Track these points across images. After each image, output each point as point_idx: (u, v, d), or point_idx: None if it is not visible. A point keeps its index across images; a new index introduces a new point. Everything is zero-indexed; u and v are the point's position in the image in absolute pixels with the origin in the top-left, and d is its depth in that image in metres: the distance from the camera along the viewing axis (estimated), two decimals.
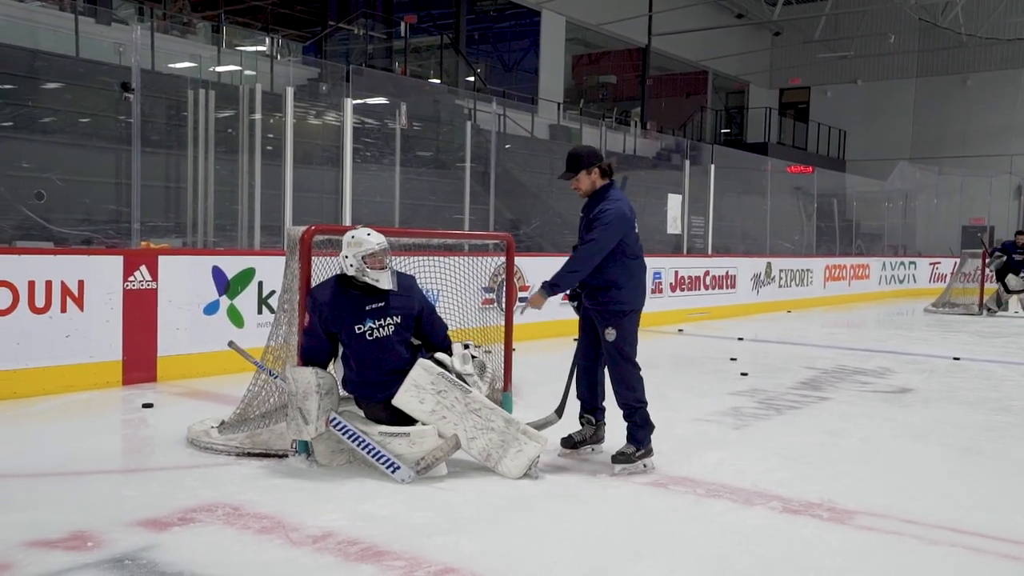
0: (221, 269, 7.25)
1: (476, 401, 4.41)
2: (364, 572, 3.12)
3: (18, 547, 3.24)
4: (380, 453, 4.24)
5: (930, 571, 3.31)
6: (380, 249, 4.36)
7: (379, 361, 4.38)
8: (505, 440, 4.38)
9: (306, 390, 4.34)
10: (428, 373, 4.36)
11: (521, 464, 4.34)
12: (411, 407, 4.31)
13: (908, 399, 6.92)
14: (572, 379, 4.87)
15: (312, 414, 4.32)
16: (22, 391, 6.00)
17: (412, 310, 4.51)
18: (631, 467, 4.54)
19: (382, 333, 4.39)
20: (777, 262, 16.17)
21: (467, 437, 4.36)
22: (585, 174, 4.61)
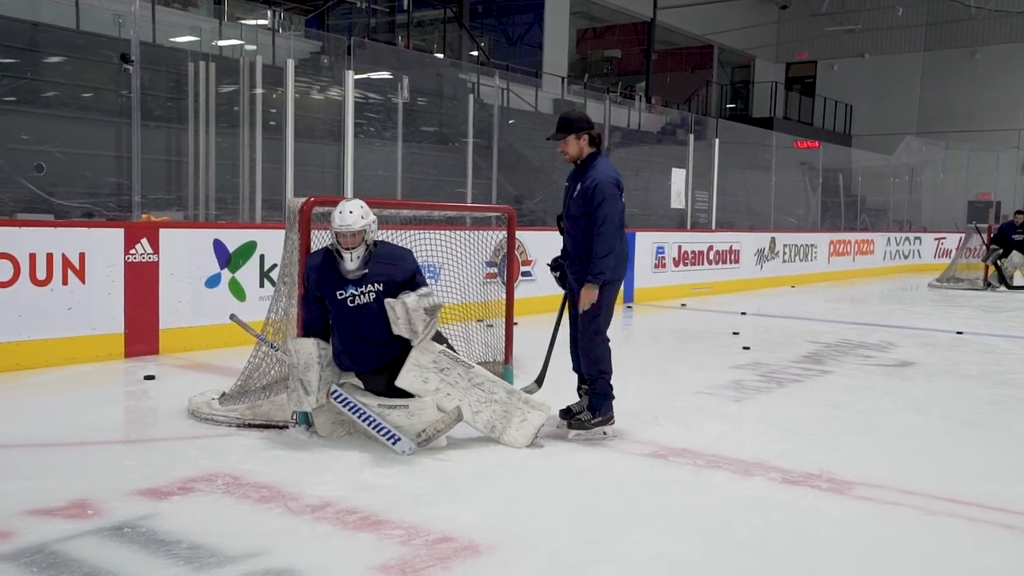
0: (222, 242, 7.25)
1: (478, 376, 4.42)
2: (362, 541, 3.14)
3: (18, 515, 3.26)
4: (381, 425, 4.24)
5: (927, 540, 3.32)
6: (343, 231, 4.29)
7: (358, 328, 4.34)
8: (508, 411, 4.40)
9: (307, 361, 4.34)
10: (429, 352, 4.35)
11: (527, 433, 4.38)
12: (416, 387, 4.31)
13: (910, 372, 6.91)
14: (551, 349, 4.89)
15: (313, 385, 4.33)
16: (24, 363, 6.02)
17: (394, 278, 4.40)
18: (586, 434, 4.59)
19: (363, 300, 4.34)
20: (781, 237, 16.13)
21: (472, 411, 4.37)
22: (574, 139, 4.59)
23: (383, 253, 4.46)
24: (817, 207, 19.40)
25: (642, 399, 5.55)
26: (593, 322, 4.59)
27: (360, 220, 4.30)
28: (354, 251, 4.32)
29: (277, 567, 2.87)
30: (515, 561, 3.00)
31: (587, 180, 4.53)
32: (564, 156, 4.67)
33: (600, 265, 4.46)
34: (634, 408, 5.20)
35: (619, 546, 3.16)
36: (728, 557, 3.09)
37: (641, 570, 2.96)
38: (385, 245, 4.56)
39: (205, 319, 7.06)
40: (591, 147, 4.63)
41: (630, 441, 4.60)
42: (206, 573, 2.80)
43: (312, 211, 4.63)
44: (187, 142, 9.18)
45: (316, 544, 3.09)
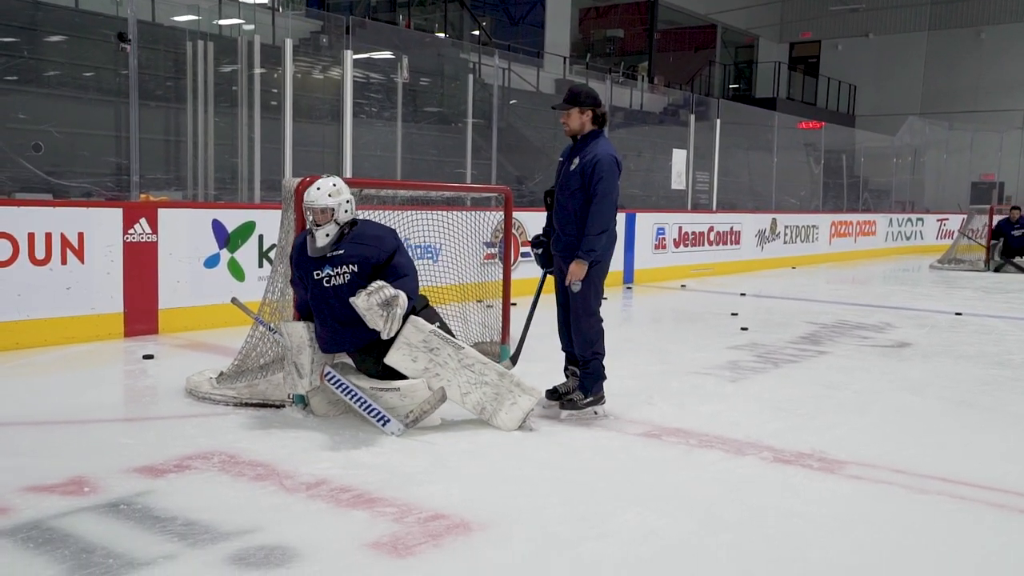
0: (221, 222, 7.26)
1: (469, 357, 4.40)
2: (356, 518, 3.17)
3: (15, 491, 3.29)
4: (372, 407, 4.27)
5: (915, 518, 3.34)
6: (312, 208, 4.29)
7: (335, 309, 4.31)
8: (499, 393, 4.40)
9: (299, 344, 4.36)
10: (419, 331, 4.34)
11: (516, 416, 4.37)
12: (404, 366, 4.32)
13: (907, 353, 6.93)
14: (527, 328, 4.90)
15: (306, 368, 4.35)
16: (24, 342, 6.06)
17: (368, 258, 4.33)
18: (578, 414, 4.61)
19: (338, 281, 4.31)
20: (783, 218, 16.11)
21: (461, 392, 4.37)
22: (578, 112, 4.56)
23: (360, 233, 4.41)
24: (819, 188, 19.35)
25: (638, 379, 5.58)
26: (585, 303, 4.59)
27: (326, 198, 4.27)
28: (323, 228, 4.31)
29: (271, 543, 2.90)
30: (507, 538, 3.03)
31: (587, 156, 4.51)
32: (565, 128, 4.64)
33: (593, 242, 4.45)
34: (630, 388, 5.23)
35: (611, 524, 3.19)
36: (719, 534, 3.11)
37: (633, 547, 2.99)
38: (366, 224, 4.52)
39: (204, 299, 7.09)
40: (593, 125, 4.60)
41: (624, 421, 4.62)
42: (200, 549, 2.83)
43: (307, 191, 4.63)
44: (186, 122, 9.17)
45: (310, 521, 3.12)
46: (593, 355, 4.63)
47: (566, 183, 4.60)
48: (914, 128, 23.18)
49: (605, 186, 4.44)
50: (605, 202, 4.45)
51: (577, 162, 4.55)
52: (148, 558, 2.74)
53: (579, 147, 4.60)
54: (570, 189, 4.57)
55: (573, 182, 4.55)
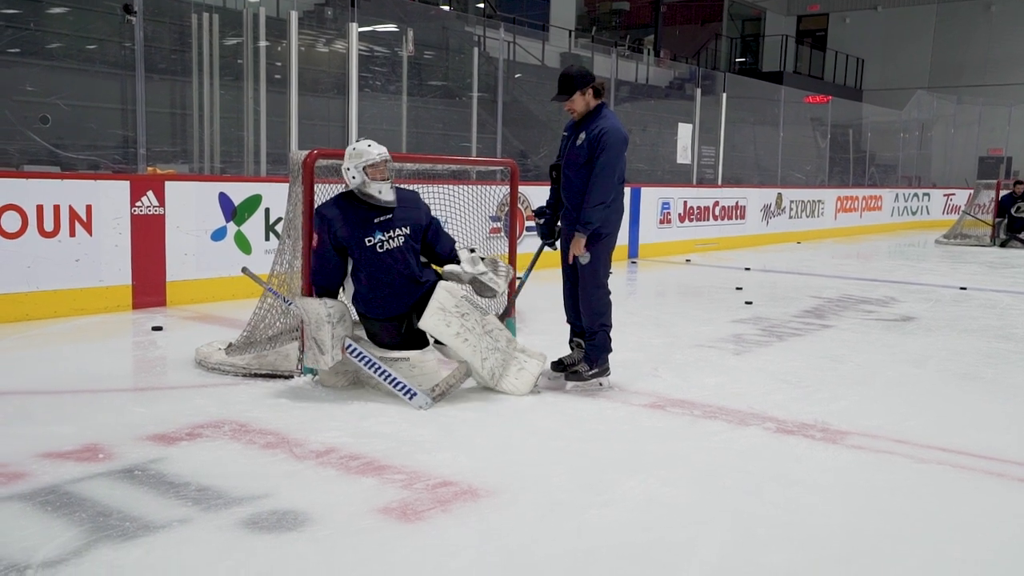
0: (228, 195, 7.29)
1: (490, 323, 4.47)
2: (365, 484, 3.22)
3: (33, 457, 3.36)
4: (396, 380, 4.28)
5: (915, 486, 3.39)
6: (381, 160, 4.36)
7: (391, 274, 4.39)
8: (507, 359, 4.45)
9: (318, 321, 4.37)
10: (452, 296, 4.37)
11: (527, 380, 4.44)
12: (439, 331, 4.32)
13: (910, 327, 6.96)
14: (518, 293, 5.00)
15: (326, 344, 4.36)
16: (34, 313, 6.12)
17: (420, 222, 4.52)
18: (583, 384, 4.66)
19: (392, 245, 4.40)
20: (788, 193, 16.08)
21: (481, 358, 4.39)
22: (580, 95, 4.55)
23: (402, 196, 4.52)
24: (825, 163, 19.27)
25: (643, 352, 5.63)
26: (594, 276, 4.62)
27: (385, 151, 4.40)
28: (387, 182, 4.39)
29: (283, 508, 2.96)
30: (512, 504, 3.09)
31: (594, 130, 4.51)
32: (572, 113, 4.63)
33: (590, 215, 4.46)
34: (634, 360, 5.28)
35: (615, 491, 3.24)
36: (721, 501, 3.17)
37: (636, 513, 3.04)
38: (399, 189, 4.62)
39: (211, 272, 7.14)
40: (596, 99, 4.61)
41: (629, 392, 4.67)
42: (213, 513, 2.89)
43: (315, 164, 4.65)
44: (191, 95, 9.17)
45: (320, 487, 3.18)
46: (600, 327, 4.67)
47: (573, 158, 4.60)
48: (922, 102, 23.04)
49: (608, 159, 4.45)
50: (606, 174, 4.46)
51: (583, 137, 4.56)
52: (163, 521, 2.81)
53: (585, 122, 4.60)
54: (577, 164, 4.58)
55: (580, 157, 4.56)
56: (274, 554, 2.61)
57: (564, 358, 4.89)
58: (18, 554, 2.54)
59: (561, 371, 4.85)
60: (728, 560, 2.68)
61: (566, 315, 4.92)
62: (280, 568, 2.52)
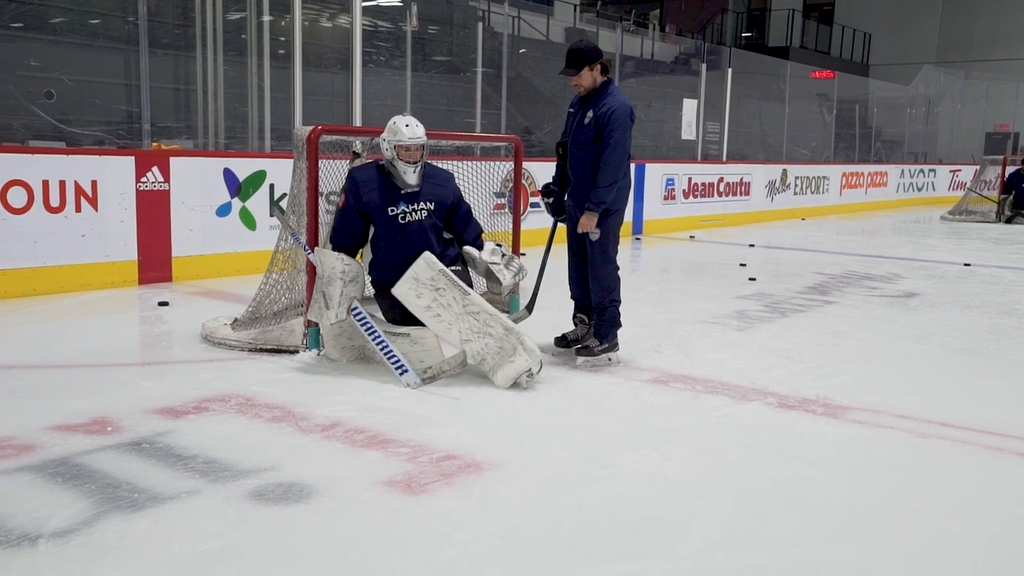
0: (232, 171, 7.30)
1: (474, 304, 4.35)
2: (370, 457, 3.26)
3: (42, 430, 3.40)
4: (392, 353, 4.31)
5: (915, 460, 3.42)
6: (413, 145, 4.37)
7: (408, 246, 4.42)
8: (503, 348, 4.30)
9: (331, 275, 4.40)
10: (429, 268, 4.37)
11: (508, 375, 4.24)
12: (408, 299, 4.35)
13: (914, 303, 6.97)
14: (541, 277, 4.93)
15: (334, 299, 4.40)
16: (41, 289, 6.16)
17: (446, 199, 4.54)
18: (593, 360, 4.68)
19: (414, 217, 4.44)
20: (793, 169, 16.03)
21: (461, 339, 4.35)
22: (588, 71, 4.55)
23: (432, 174, 4.56)
24: (830, 139, 19.19)
25: (646, 327, 5.65)
26: (604, 251, 4.64)
27: (423, 134, 4.39)
28: (416, 165, 4.40)
29: (289, 480, 3.00)
30: (516, 477, 3.13)
31: (602, 107, 4.51)
32: (578, 89, 4.62)
33: (603, 194, 4.48)
34: (638, 336, 5.30)
35: (617, 465, 3.28)
36: (722, 475, 3.20)
37: (638, 487, 3.08)
38: (430, 166, 4.64)
39: (217, 247, 7.17)
40: (603, 75, 4.61)
41: (632, 367, 4.70)
42: (221, 485, 2.94)
43: (320, 139, 4.66)
44: (195, 70, 9.15)
45: (326, 460, 3.22)
46: (610, 302, 4.70)
47: (581, 136, 4.60)
48: (929, 77, 22.88)
49: (618, 137, 4.46)
50: (616, 153, 4.47)
51: (591, 115, 4.55)
52: (172, 493, 2.85)
53: (592, 99, 4.60)
54: (585, 142, 4.57)
55: (588, 135, 4.56)
56: (280, 525, 2.66)
57: (568, 333, 4.92)
58: (29, 524, 2.59)
59: (565, 347, 4.88)
60: (729, 533, 2.72)
61: (571, 290, 4.94)
62: (286, 539, 2.57)
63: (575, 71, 4.56)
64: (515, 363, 4.26)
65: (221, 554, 2.45)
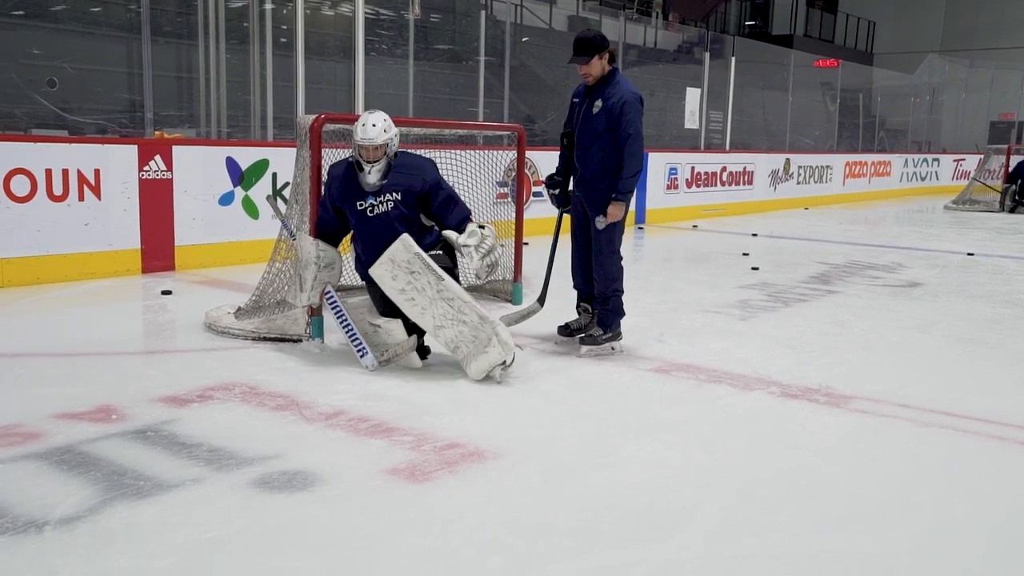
0: (235, 160, 7.30)
1: (448, 290, 4.24)
2: (374, 446, 3.27)
3: (47, 418, 3.42)
4: (356, 336, 4.36)
5: (917, 450, 3.43)
6: (364, 145, 4.28)
7: (376, 236, 4.38)
8: (478, 337, 4.19)
9: (307, 259, 4.44)
10: (406, 251, 4.28)
11: (481, 367, 4.16)
12: (383, 281, 4.32)
13: (917, 293, 6.97)
14: (551, 269, 4.92)
15: (308, 283, 4.43)
16: (45, 277, 6.17)
17: (414, 186, 4.41)
18: (597, 349, 4.69)
19: (381, 209, 4.38)
20: (796, 158, 15.99)
21: (435, 324, 4.26)
22: (598, 59, 4.53)
23: (402, 163, 4.48)
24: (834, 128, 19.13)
25: (649, 317, 5.65)
26: (610, 242, 4.64)
27: (382, 134, 4.29)
28: (375, 165, 4.34)
29: (293, 468, 3.01)
30: (519, 465, 3.14)
31: (612, 97, 4.49)
32: (586, 78, 4.59)
33: (628, 184, 4.50)
34: (641, 326, 5.31)
35: (620, 453, 3.29)
36: (725, 464, 3.21)
37: (641, 475, 3.09)
38: (406, 155, 4.56)
39: (220, 236, 7.17)
40: (610, 64, 4.59)
41: (635, 357, 4.71)
42: (225, 473, 2.95)
43: (323, 128, 4.66)
44: (197, 58, 9.14)
45: (330, 448, 3.23)
46: (614, 292, 4.71)
47: (589, 126, 4.57)
48: (933, 66, 22.79)
49: (637, 128, 4.47)
50: (636, 142, 4.47)
51: (600, 105, 4.53)
52: (177, 480, 2.86)
53: (599, 89, 4.57)
54: (595, 132, 4.55)
55: (598, 124, 4.53)
56: (285, 513, 2.67)
57: (571, 323, 4.93)
58: (36, 511, 2.60)
59: (568, 335, 4.89)
60: (731, 522, 2.73)
61: (573, 280, 4.94)
62: (290, 526, 2.58)
63: (586, 59, 4.52)
64: (488, 355, 4.16)
65: (226, 541, 2.47)
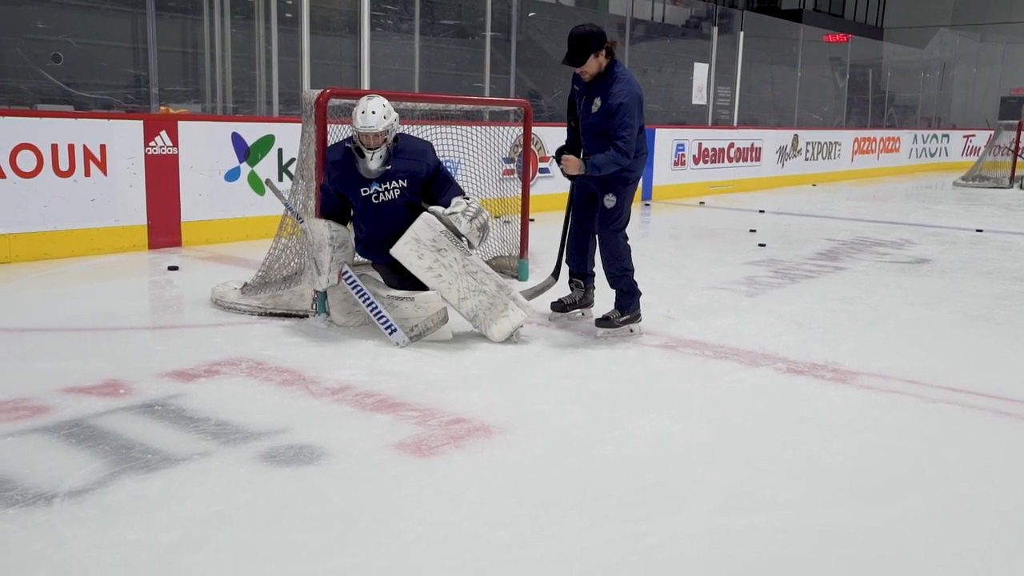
0: (240, 136, 7.28)
1: (473, 264, 4.41)
2: (381, 421, 3.29)
3: (56, 392, 3.44)
4: (381, 313, 4.36)
5: (923, 425, 3.43)
6: (365, 133, 4.26)
7: (382, 223, 4.40)
8: (494, 304, 4.38)
9: (320, 242, 4.43)
10: (431, 229, 4.35)
11: (504, 329, 4.35)
12: (409, 260, 4.36)
13: (925, 269, 6.94)
14: (565, 243, 4.88)
15: (324, 265, 4.42)
16: (52, 253, 6.19)
17: (419, 174, 4.44)
18: (613, 331, 4.60)
19: (387, 196, 4.40)
20: (804, 135, 15.88)
21: (459, 297, 4.38)
22: (593, 58, 4.31)
23: (404, 148, 4.46)
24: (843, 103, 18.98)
25: (656, 294, 5.63)
26: (616, 220, 4.51)
27: (382, 121, 4.26)
28: (376, 151, 4.32)
29: (300, 442, 3.03)
30: (524, 440, 3.14)
31: (611, 97, 4.28)
32: (583, 75, 4.38)
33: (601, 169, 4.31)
34: (647, 302, 5.26)
35: (625, 428, 3.29)
36: (730, 439, 3.21)
37: (647, 450, 3.09)
38: (406, 139, 4.55)
39: (226, 212, 7.17)
40: (607, 57, 4.38)
41: (641, 333, 4.69)
42: (232, 447, 2.96)
43: (328, 103, 4.64)
44: (202, 33, 9.10)
45: (336, 423, 3.25)
46: (622, 272, 4.58)
47: (589, 122, 4.42)
48: (944, 40, 22.56)
49: (628, 135, 4.25)
50: (628, 138, 4.26)
51: (599, 103, 4.34)
52: (184, 454, 2.88)
53: (598, 85, 4.36)
54: (596, 128, 4.38)
55: (598, 124, 4.36)
56: (291, 487, 2.68)
57: (564, 298, 4.87)
58: (45, 483, 2.62)
59: (561, 311, 4.85)
60: (736, 496, 2.74)
61: (567, 257, 4.87)
62: (297, 500, 2.59)
63: (581, 63, 4.30)
64: (510, 318, 4.36)
65: (233, 514, 2.48)
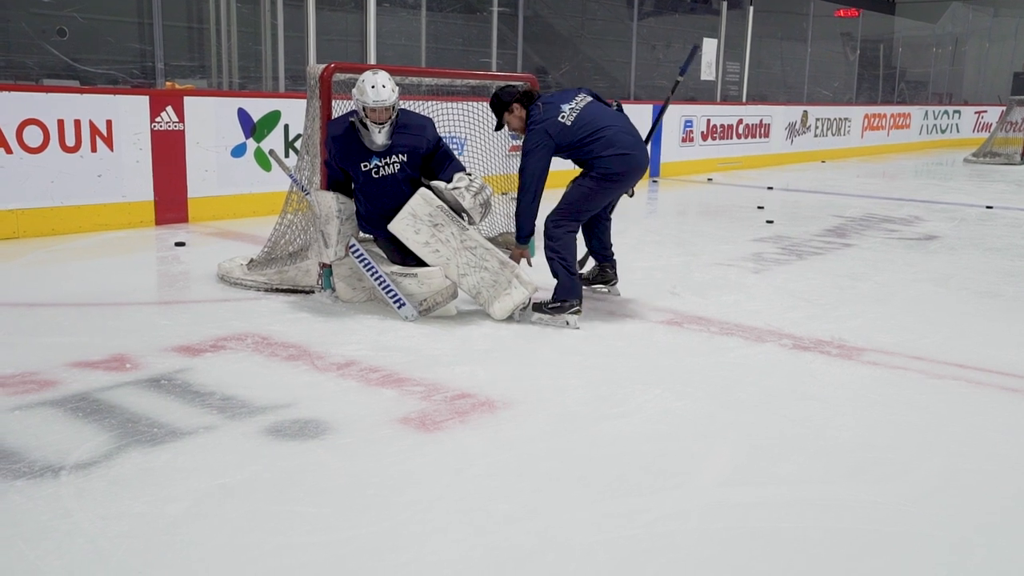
0: (247, 111, 7.26)
1: (472, 239, 4.37)
2: (385, 395, 3.30)
3: (62, 366, 3.46)
4: (390, 287, 4.36)
5: (929, 401, 3.42)
6: (378, 107, 4.24)
7: (383, 197, 4.40)
8: (497, 281, 4.35)
9: (327, 214, 4.43)
10: (427, 204, 4.34)
11: (506, 307, 4.33)
12: (406, 235, 4.35)
13: (933, 246, 6.90)
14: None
15: (332, 238, 4.42)
16: (59, 228, 6.20)
17: (419, 148, 4.43)
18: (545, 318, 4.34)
19: (388, 171, 4.39)
20: (814, 111, 15.76)
21: (459, 273, 4.37)
22: (509, 115, 4.41)
23: (405, 123, 4.45)
24: (854, 80, 18.81)
25: (662, 270, 5.63)
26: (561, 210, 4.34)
27: (392, 95, 4.25)
28: (384, 125, 4.31)
29: (305, 417, 3.04)
30: (529, 415, 3.15)
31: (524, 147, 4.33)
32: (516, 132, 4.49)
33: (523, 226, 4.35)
34: (653, 279, 5.29)
35: (630, 403, 3.30)
36: (735, 414, 3.21)
37: (651, 425, 3.10)
38: (407, 114, 4.54)
39: (232, 188, 7.17)
40: (524, 107, 4.39)
41: (647, 309, 4.70)
42: (238, 421, 2.98)
43: (333, 78, 4.61)
44: (208, 8, 9.04)
45: (342, 398, 3.26)
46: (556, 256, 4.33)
47: None
48: (957, 15, 22.28)
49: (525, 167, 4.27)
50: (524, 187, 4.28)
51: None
52: (190, 428, 2.90)
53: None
54: None
55: None
56: (296, 460, 2.70)
57: (584, 273, 4.87)
58: (52, 456, 2.64)
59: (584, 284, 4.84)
60: (741, 470, 2.74)
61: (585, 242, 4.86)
62: (302, 473, 2.61)
63: (500, 127, 4.49)
64: (512, 296, 4.34)
65: (239, 487, 2.50)
